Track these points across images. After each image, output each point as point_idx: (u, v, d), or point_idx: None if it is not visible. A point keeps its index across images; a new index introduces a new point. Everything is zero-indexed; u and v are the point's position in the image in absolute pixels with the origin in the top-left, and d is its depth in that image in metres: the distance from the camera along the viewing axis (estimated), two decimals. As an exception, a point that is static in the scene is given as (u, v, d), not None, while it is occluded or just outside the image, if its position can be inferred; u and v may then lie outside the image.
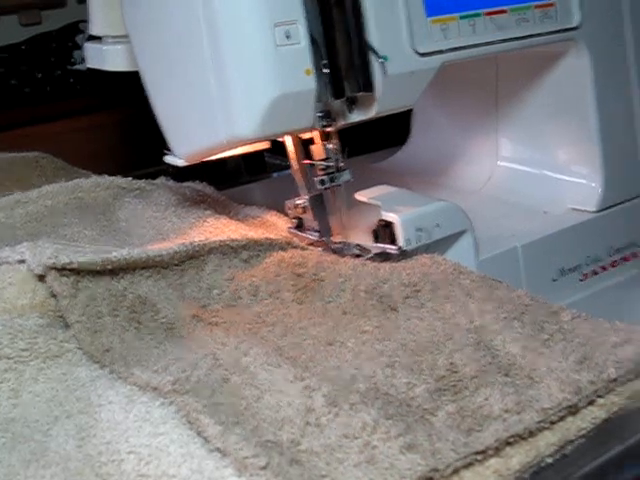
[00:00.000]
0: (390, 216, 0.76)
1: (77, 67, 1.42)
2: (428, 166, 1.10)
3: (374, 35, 0.74)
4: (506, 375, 0.56)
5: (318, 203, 0.82)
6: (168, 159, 0.82)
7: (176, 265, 0.71)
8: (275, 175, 1.23)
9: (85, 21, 0.93)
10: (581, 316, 0.63)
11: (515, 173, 1.01)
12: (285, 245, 0.76)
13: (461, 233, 0.80)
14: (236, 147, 0.76)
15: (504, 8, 0.83)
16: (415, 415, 0.52)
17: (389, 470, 0.47)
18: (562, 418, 0.52)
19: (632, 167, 0.96)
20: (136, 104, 0.87)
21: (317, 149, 0.79)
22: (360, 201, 0.82)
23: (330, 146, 0.78)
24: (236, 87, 0.71)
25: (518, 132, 1.02)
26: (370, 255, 0.77)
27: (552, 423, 0.52)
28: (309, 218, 0.83)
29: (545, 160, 0.99)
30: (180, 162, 0.80)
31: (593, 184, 0.94)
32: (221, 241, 0.73)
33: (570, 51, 0.91)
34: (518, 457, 0.49)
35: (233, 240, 0.74)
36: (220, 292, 0.71)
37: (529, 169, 1.00)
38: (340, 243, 0.80)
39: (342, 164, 0.79)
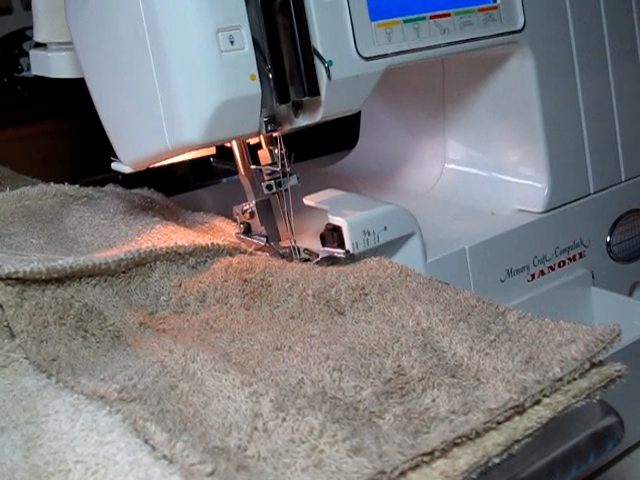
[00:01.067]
0: (337, 220, 0.77)
1: (24, 74, 1.41)
2: (376, 169, 1.11)
3: (319, 40, 0.74)
4: (453, 376, 0.57)
5: (265, 208, 0.82)
6: (115, 166, 0.82)
7: (123, 272, 0.71)
8: (224, 180, 1.23)
9: (32, 28, 0.92)
10: (527, 316, 0.63)
11: (463, 175, 1.02)
12: (232, 250, 0.76)
13: (409, 236, 0.80)
14: (182, 153, 0.76)
15: (448, 12, 0.84)
16: (362, 418, 0.52)
17: (336, 474, 0.47)
18: (508, 418, 0.52)
19: (578, 168, 0.97)
20: (83, 111, 0.86)
21: (263, 154, 0.79)
22: (308, 205, 0.82)
23: (276, 151, 0.78)
24: (181, 93, 0.70)
25: (465, 134, 1.02)
26: (318, 259, 0.77)
27: (499, 423, 0.52)
28: (257, 223, 0.83)
29: (492, 162, 0.99)
30: (126, 169, 0.80)
31: (539, 185, 0.94)
32: (168, 247, 0.73)
33: (514, 54, 0.92)
34: (465, 457, 0.49)
35: (180, 246, 0.74)
36: (167, 299, 0.71)
37: (476, 171, 1.01)
38: (288, 248, 0.80)
39: (289, 169, 0.79)
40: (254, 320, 0.68)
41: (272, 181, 0.79)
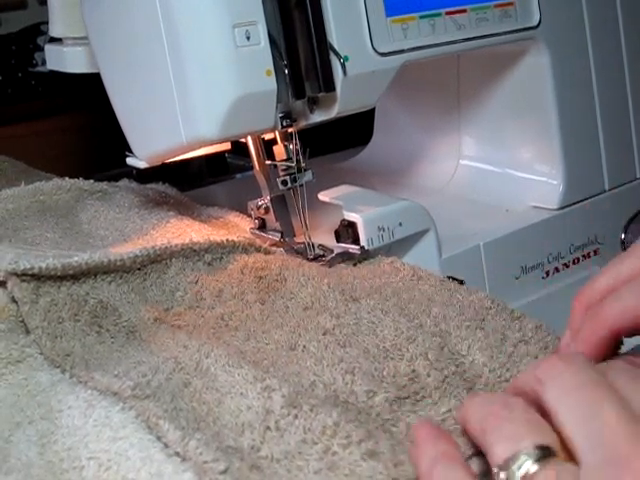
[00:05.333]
0: (352, 216, 0.76)
1: (39, 69, 1.41)
2: (391, 166, 1.11)
3: (334, 35, 0.74)
4: (470, 389, 0.55)
5: (280, 204, 0.82)
6: (130, 161, 0.82)
7: (138, 269, 0.70)
8: (238, 176, 1.23)
9: (47, 23, 0.92)
10: (542, 327, 0.62)
11: (477, 172, 1.02)
12: (248, 247, 0.76)
13: (424, 232, 0.80)
14: (197, 148, 0.76)
15: (464, 7, 0.83)
16: (375, 423, 0.52)
17: (349, 477, 0.46)
18: None
19: (593, 165, 0.97)
20: (98, 106, 0.86)
21: (278, 150, 0.79)
22: (323, 201, 0.82)
23: (291, 147, 0.78)
24: (197, 88, 0.71)
25: (480, 131, 1.02)
26: (332, 255, 0.77)
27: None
28: (271, 219, 0.83)
29: (507, 158, 0.99)
30: (141, 164, 0.80)
31: (554, 182, 0.94)
32: (183, 244, 0.73)
33: (530, 50, 0.92)
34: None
35: (195, 243, 0.73)
36: (183, 294, 0.70)
37: (491, 168, 1.01)
38: (302, 243, 0.80)
39: (304, 164, 0.79)
40: (269, 315, 0.67)
41: (287, 177, 0.78)
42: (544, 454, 0.41)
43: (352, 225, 0.77)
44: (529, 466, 0.40)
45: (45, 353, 0.62)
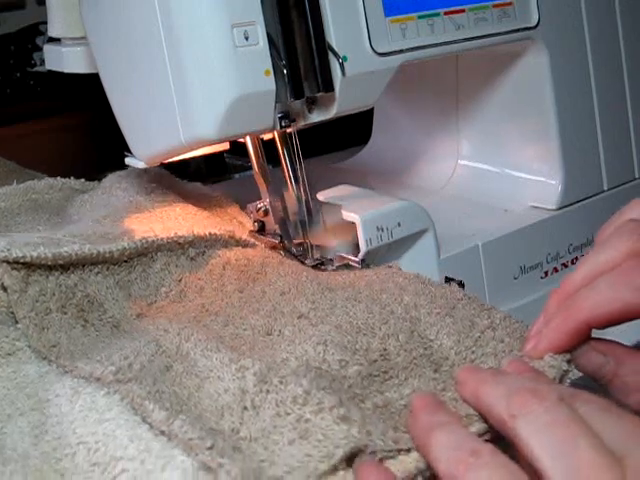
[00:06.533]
0: (351, 216, 0.76)
1: (37, 69, 1.41)
2: (390, 165, 1.11)
3: (333, 35, 0.74)
4: (435, 371, 0.57)
5: (279, 207, 0.82)
6: (129, 161, 0.82)
7: (125, 261, 0.72)
8: (237, 176, 1.23)
9: (45, 23, 0.92)
10: (512, 317, 0.63)
11: (476, 172, 1.02)
12: (229, 239, 0.77)
13: (422, 232, 0.80)
14: (196, 148, 0.76)
15: (462, 7, 0.84)
16: (347, 394, 0.53)
17: (322, 442, 0.47)
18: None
19: (592, 165, 0.97)
20: (97, 106, 0.86)
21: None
22: (321, 201, 0.82)
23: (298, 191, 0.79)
24: (195, 88, 0.71)
25: (479, 131, 1.02)
26: (333, 268, 0.77)
27: (475, 421, 0.52)
28: (270, 222, 0.83)
29: (505, 158, 0.99)
30: (140, 164, 0.80)
31: (553, 182, 0.94)
32: (169, 237, 0.74)
33: (529, 50, 0.92)
34: None
35: (180, 237, 0.74)
36: (168, 290, 0.72)
37: (490, 168, 1.01)
38: (301, 246, 0.80)
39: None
40: (247, 301, 0.69)
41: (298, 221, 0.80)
42: None
43: (351, 225, 0.77)
44: None
45: (32, 344, 0.63)
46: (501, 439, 0.48)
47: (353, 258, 0.76)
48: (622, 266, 0.53)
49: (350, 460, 0.47)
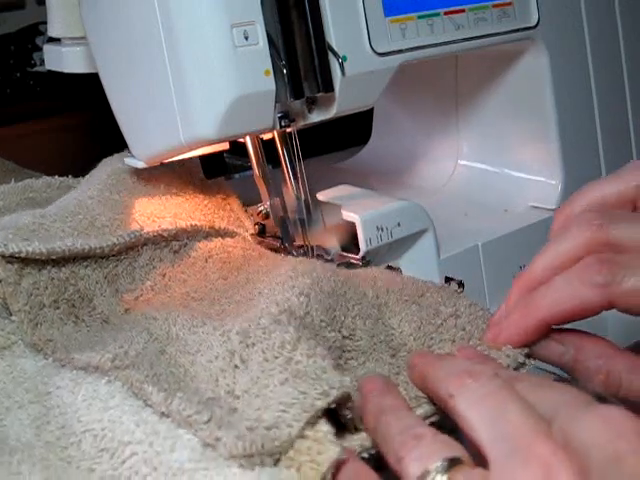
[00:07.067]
0: (351, 216, 0.77)
1: (37, 69, 1.40)
2: (389, 166, 1.11)
3: (333, 35, 0.74)
4: (393, 356, 0.59)
5: (280, 209, 0.82)
6: (128, 161, 0.82)
7: (113, 255, 0.73)
8: (236, 176, 1.22)
9: (45, 23, 0.92)
10: (477, 305, 0.64)
11: (476, 172, 1.02)
12: (210, 231, 0.78)
13: (422, 232, 0.80)
14: (196, 148, 0.76)
15: (462, 7, 0.84)
16: (332, 353, 0.54)
17: (317, 381, 0.48)
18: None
19: (591, 164, 0.97)
20: (97, 106, 0.86)
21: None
22: (321, 201, 0.82)
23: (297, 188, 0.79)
24: (195, 88, 0.70)
25: (478, 131, 1.02)
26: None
27: (424, 403, 0.53)
28: (271, 224, 0.83)
29: (505, 158, 0.99)
30: (140, 164, 0.80)
31: (553, 182, 0.94)
32: (154, 231, 0.75)
33: (528, 50, 0.92)
34: None
35: (165, 230, 0.76)
36: (153, 284, 0.73)
37: (490, 168, 1.01)
38: (302, 248, 0.80)
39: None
40: (232, 286, 0.70)
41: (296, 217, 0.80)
42: (453, 465, 0.43)
43: (351, 225, 0.77)
44: (439, 479, 0.42)
45: (26, 339, 0.64)
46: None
47: (354, 256, 0.76)
48: (580, 263, 0.54)
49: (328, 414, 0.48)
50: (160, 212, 0.80)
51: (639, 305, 0.52)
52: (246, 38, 0.69)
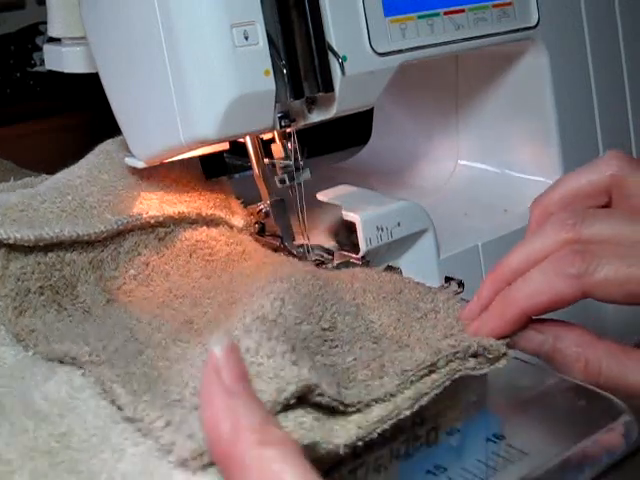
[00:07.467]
0: (351, 216, 0.77)
1: (37, 69, 1.40)
2: (389, 166, 1.11)
3: (333, 35, 0.74)
4: (375, 342, 0.59)
5: (280, 208, 0.82)
6: (128, 161, 0.81)
7: (99, 241, 0.73)
8: (236, 176, 1.22)
9: (45, 23, 0.92)
10: (455, 298, 0.65)
11: (476, 172, 1.02)
12: (196, 218, 0.78)
13: (422, 232, 0.80)
14: (196, 148, 0.76)
15: (462, 7, 0.84)
16: (301, 344, 0.55)
17: (274, 379, 0.49)
18: (421, 377, 0.55)
19: (591, 165, 0.97)
20: (97, 106, 0.86)
21: (276, 148, 0.79)
22: (321, 201, 0.82)
23: (289, 145, 0.78)
24: (195, 88, 0.70)
25: (478, 131, 1.02)
26: (333, 266, 0.78)
27: (412, 382, 0.54)
28: (271, 223, 0.83)
29: (505, 159, 0.99)
30: (140, 164, 0.80)
31: (553, 182, 0.94)
32: (141, 217, 0.75)
33: (528, 50, 0.92)
34: (377, 411, 0.52)
35: (152, 217, 0.76)
36: (136, 273, 0.74)
37: (490, 168, 1.01)
38: (302, 246, 0.80)
39: (302, 163, 0.79)
40: (214, 286, 0.71)
41: (285, 175, 0.79)
42: None
43: (351, 225, 0.77)
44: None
45: (9, 328, 0.65)
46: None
47: (354, 256, 0.76)
48: (554, 255, 0.55)
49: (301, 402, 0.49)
50: (147, 194, 0.80)
51: (612, 294, 0.53)
52: (246, 38, 0.69)
